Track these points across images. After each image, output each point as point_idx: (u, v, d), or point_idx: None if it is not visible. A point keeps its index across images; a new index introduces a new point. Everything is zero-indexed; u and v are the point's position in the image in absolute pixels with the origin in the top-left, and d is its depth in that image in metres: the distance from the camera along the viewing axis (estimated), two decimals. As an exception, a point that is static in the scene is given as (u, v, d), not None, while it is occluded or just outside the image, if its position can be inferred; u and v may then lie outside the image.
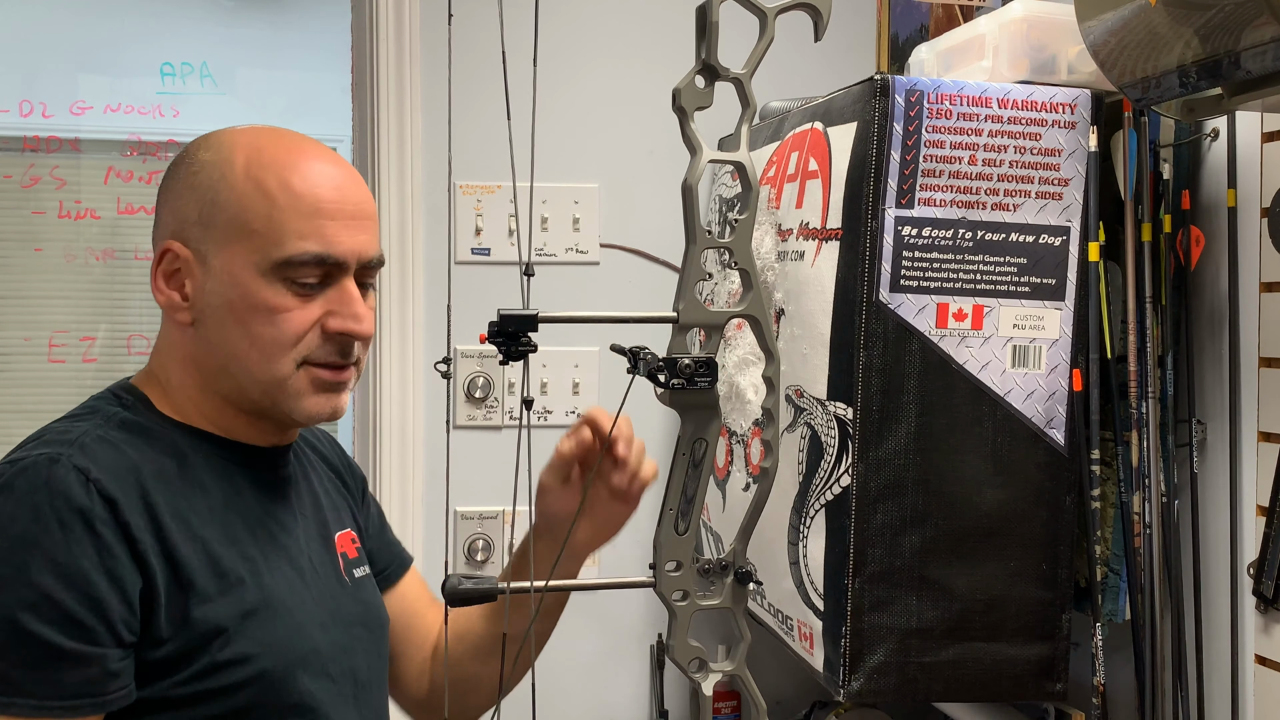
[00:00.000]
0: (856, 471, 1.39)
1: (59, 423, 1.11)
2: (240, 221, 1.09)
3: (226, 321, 1.10)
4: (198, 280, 1.11)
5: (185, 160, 1.14)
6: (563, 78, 2.13)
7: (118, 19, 4.09)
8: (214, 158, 1.12)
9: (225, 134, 1.14)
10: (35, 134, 4.01)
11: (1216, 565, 1.44)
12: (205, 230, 1.10)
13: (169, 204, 1.14)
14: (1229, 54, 1.06)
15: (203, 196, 1.11)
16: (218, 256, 1.10)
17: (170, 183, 1.14)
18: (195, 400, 1.15)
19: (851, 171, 1.42)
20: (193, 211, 1.11)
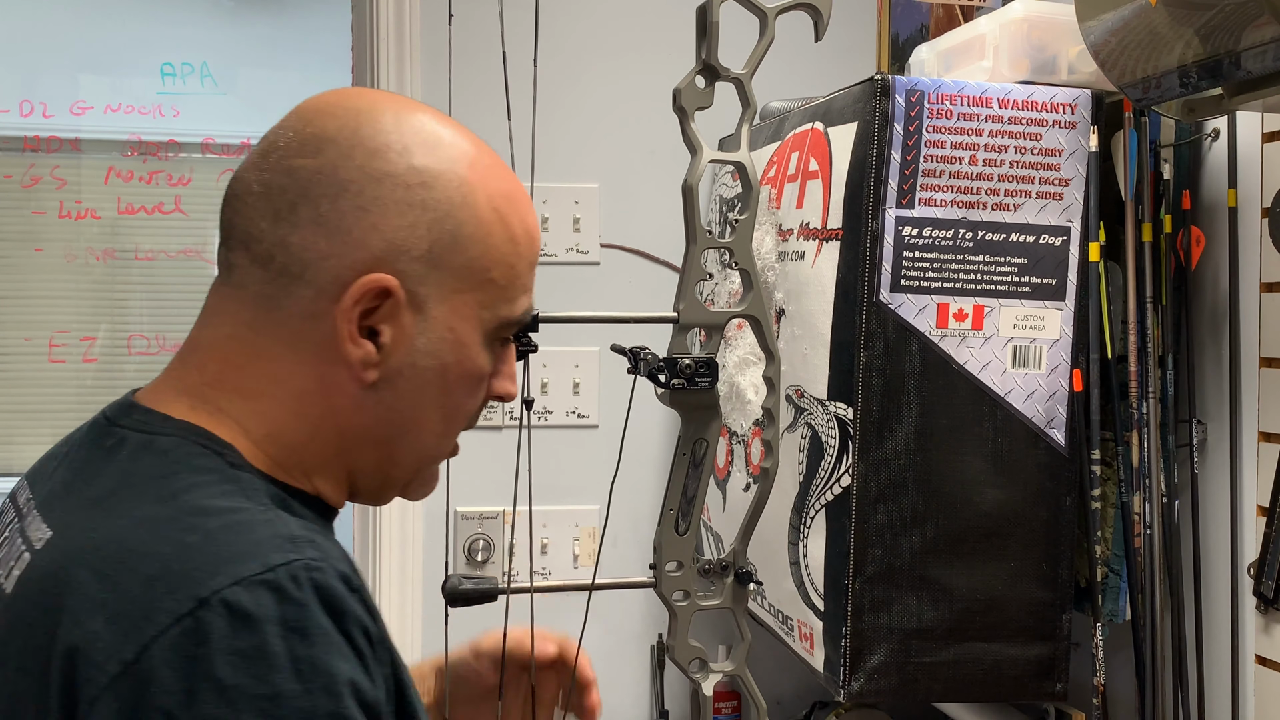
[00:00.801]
0: (857, 472, 1.39)
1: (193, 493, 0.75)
2: (480, 266, 0.83)
3: (428, 388, 0.84)
4: (405, 331, 0.82)
5: (394, 157, 0.81)
6: (563, 78, 2.13)
7: (118, 19, 4.09)
8: (446, 170, 0.83)
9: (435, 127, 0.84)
10: (36, 134, 4.01)
11: (1217, 565, 1.44)
12: (432, 269, 0.81)
13: (371, 216, 0.80)
14: (1229, 54, 1.06)
15: (438, 224, 0.81)
16: (441, 305, 0.82)
17: (371, 185, 0.80)
18: (309, 467, 0.84)
19: (852, 172, 1.42)
20: (420, 241, 0.81)
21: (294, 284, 0.80)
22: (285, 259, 0.80)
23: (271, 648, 0.65)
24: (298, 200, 0.80)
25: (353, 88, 0.89)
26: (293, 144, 0.81)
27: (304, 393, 0.82)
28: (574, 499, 2.12)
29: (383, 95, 0.87)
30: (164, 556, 0.68)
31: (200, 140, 4.08)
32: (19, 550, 0.77)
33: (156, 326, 4.07)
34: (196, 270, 4.10)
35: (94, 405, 3.12)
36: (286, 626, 0.66)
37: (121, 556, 0.69)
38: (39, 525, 0.77)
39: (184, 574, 0.67)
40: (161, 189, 4.08)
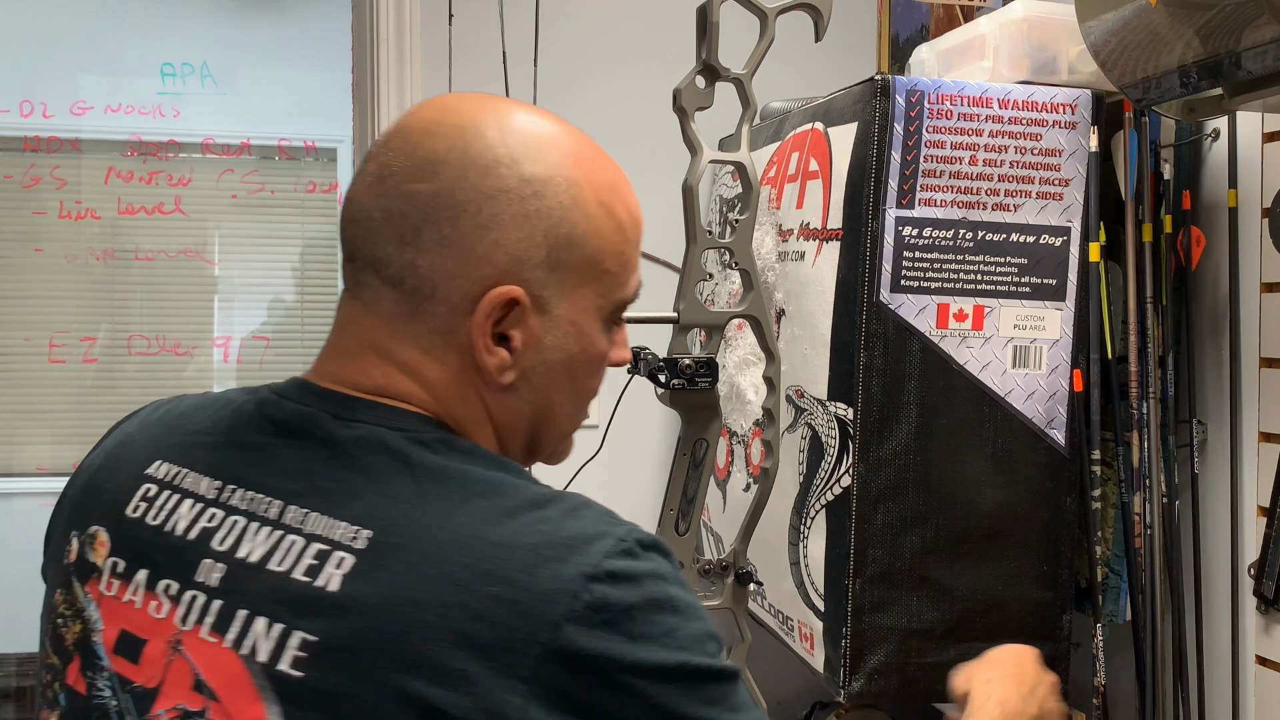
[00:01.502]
0: (857, 472, 1.39)
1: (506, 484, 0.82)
2: (594, 260, 0.88)
3: (558, 378, 0.89)
4: (533, 333, 0.87)
5: (504, 172, 0.85)
6: (563, 78, 2.13)
7: (118, 19, 4.10)
8: (553, 175, 0.86)
9: (534, 131, 0.88)
10: (36, 134, 4.02)
11: (1217, 566, 1.44)
12: (552, 272, 0.86)
13: (492, 233, 0.84)
14: (1229, 54, 1.06)
15: (553, 230, 0.86)
16: (563, 302, 0.87)
17: (489, 203, 0.84)
18: None
19: (852, 172, 1.42)
20: (539, 249, 0.85)
21: (426, 302, 0.84)
22: (415, 280, 0.84)
23: (654, 597, 0.76)
24: (420, 225, 0.83)
25: (450, 96, 0.90)
26: (407, 168, 0.85)
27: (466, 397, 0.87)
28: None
29: (480, 103, 0.89)
30: (534, 546, 0.76)
31: (200, 140, 4.08)
32: (317, 549, 0.78)
33: (156, 326, 4.07)
34: (196, 270, 4.10)
35: (94, 405, 3.16)
36: (655, 577, 0.77)
37: (493, 553, 0.76)
38: (330, 523, 0.79)
39: (559, 559, 0.76)
40: (161, 189, 4.08)
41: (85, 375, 4.00)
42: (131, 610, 0.82)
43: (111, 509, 0.86)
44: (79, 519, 0.88)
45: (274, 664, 0.75)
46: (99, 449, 0.94)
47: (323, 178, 4.38)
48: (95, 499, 0.88)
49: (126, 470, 0.88)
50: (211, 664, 0.77)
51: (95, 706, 0.81)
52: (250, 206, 4.14)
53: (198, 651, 0.78)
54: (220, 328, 4.15)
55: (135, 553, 0.83)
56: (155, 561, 0.82)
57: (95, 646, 0.83)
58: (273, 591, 0.77)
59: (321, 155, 4.33)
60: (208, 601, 0.79)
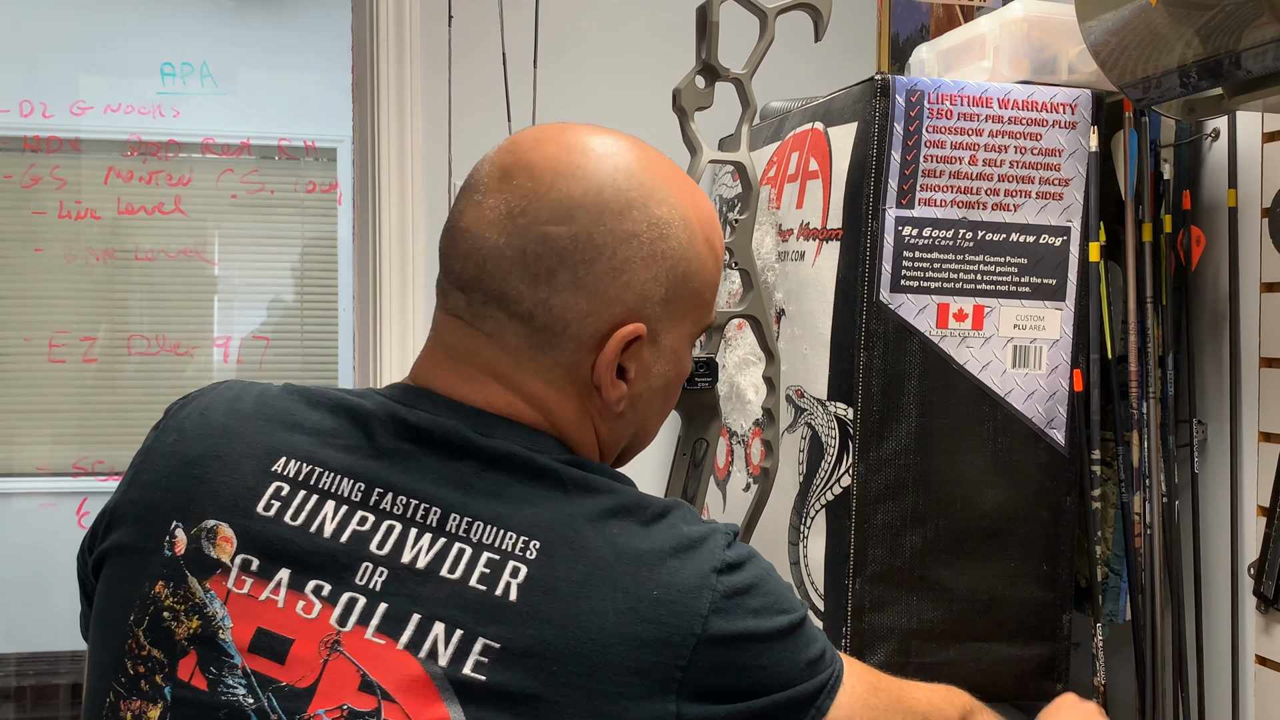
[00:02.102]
0: (857, 472, 1.39)
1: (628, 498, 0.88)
2: (699, 294, 0.93)
3: (656, 401, 0.95)
4: (644, 363, 0.91)
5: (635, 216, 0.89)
6: (563, 78, 2.13)
7: (118, 19, 4.09)
8: (674, 216, 0.90)
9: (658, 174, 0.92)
10: (35, 134, 4.02)
11: (1217, 566, 1.44)
12: (667, 307, 0.91)
13: (624, 276, 0.88)
14: (1229, 54, 1.06)
15: (674, 270, 0.90)
16: (670, 334, 0.92)
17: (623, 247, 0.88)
18: None
19: (852, 172, 1.42)
20: (660, 288, 0.89)
21: (556, 339, 0.88)
22: (547, 319, 0.88)
23: (758, 575, 0.87)
24: (556, 266, 0.87)
25: (564, 129, 0.93)
26: (540, 210, 0.88)
27: (580, 423, 0.93)
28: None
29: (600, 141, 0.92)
30: (674, 550, 0.85)
31: (200, 140, 4.08)
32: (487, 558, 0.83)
33: (156, 326, 4.07)
34: (196, 270, 4.10)
35: (94, 405, 3.16)
36: (751, 559, 0.88)
37: (647, 559, 0.84)
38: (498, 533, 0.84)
39: (692, 559, 0.85)
40: (161, 189, 4.08)
41: (85, 375, 4.00)
42: (272, 609, 0.82)
43: (236, 504, 0.86)
44: (185, 510, 0.87)
45: (457, 667, 0.79)
46: (187, 434, 0.92)
47: (323, 178, 4.38)
48: (207, 491, 0.87)
49: (246, 465, 0.88)
50: (381, 665, 0.80)
51: (225, 704, 0.81)
52: (250, 206, 4.14)
53: (362, 652, 0.80)
54: (220, 328, 4.15)
55: (272, 551, 0.84)
56: (301, 562, 0.83)
57: (223, 644, 0.83)
58: (450, 598, 0.81)
59: (321, 155, 4.33)
60: (370, 604, 0.81)
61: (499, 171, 0.90)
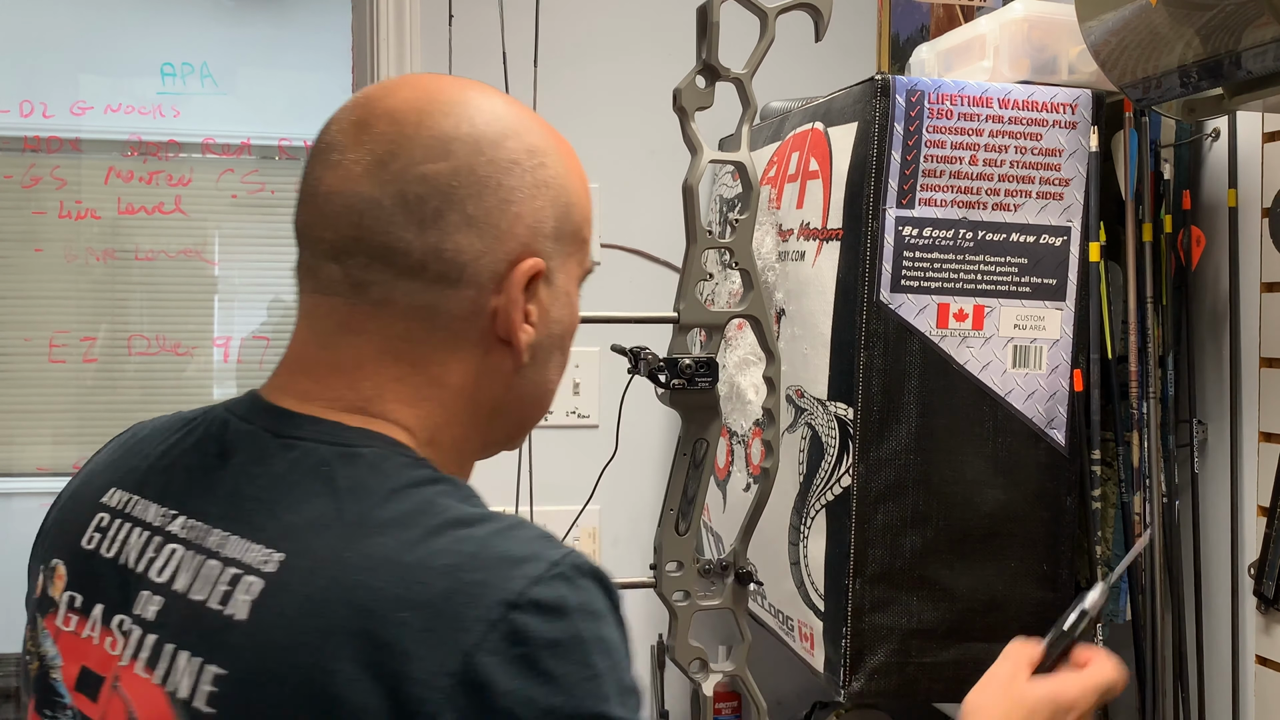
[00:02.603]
0: (857, 472, 1.39)
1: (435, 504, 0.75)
2: (580, 229, 0.87)
3: (556, 350, 0.88)
4: (544, 305, 0.84)
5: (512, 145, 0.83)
6: (563, 78, 2.13)
7: (118, 19, 4.09)
8: (547, 144, 0.85)
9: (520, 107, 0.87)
10: (36, 134, 4.02)
11: (1217, 566, 1.44)
12: (556, 242, 0.84)
13: (513, 207, 0.82)
14: (1230, 54, 1.06)
15: (556, 199, 0.84)
16: (560, 273, 0.86)
17: (507, 177, 0.82)
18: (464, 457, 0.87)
19: (852, 172, 1.42)
20: (548, 219, 0.84)
21: (452, 288, 0.80)
22: (441, 266, 0.80)
23: (582, 634, 0.70)
24: (443, 207, 0.80)
25: (411, 77, 0.87)
26: (415, 151, 0.80)
27: (462, 388, 0.83)
28: (574, 499, 2.11)
29: (454, 81, 0.86)
30: (452, 569, 0.70)
31: (200, 140, 4.08)
32: (231, 574, 0.74)
33: (156, 326, 4.07)
34: (196, 270, 4.10)
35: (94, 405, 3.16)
36: (585, 611, 0.71)
37: (406, 576, 0.70)
38: (245, 546, 0.75)
39: (480, 583, 0.69)
40: (161, 189, 4.08)
41: (85, 375, 4.00)
42: (90, 646, 0.78)
43: (70, 540, 0.83)
44: (44, 552, 0.85)
45: (191, 700, 0.71)
46: (73, 479, 0.90)
47: (323, 178, 4.36)
48: (60, 530, 0.86)
49: (87, 500, 0.85)
50: (144, 701, 0.74)
51: None
52: (250, 206, 4.14)
53: (133, 689, 0.75)
54: (220, 328, 4.15)
55: (92, 586, 0.80)
56: (110, 595, 0.78)
57: (54, 684, 0.79)
58: (192, 622, 0.73)
59: (321, 155, 4.31)
60: (143, 636, 0.75)
61: (353, 126, 0.82)
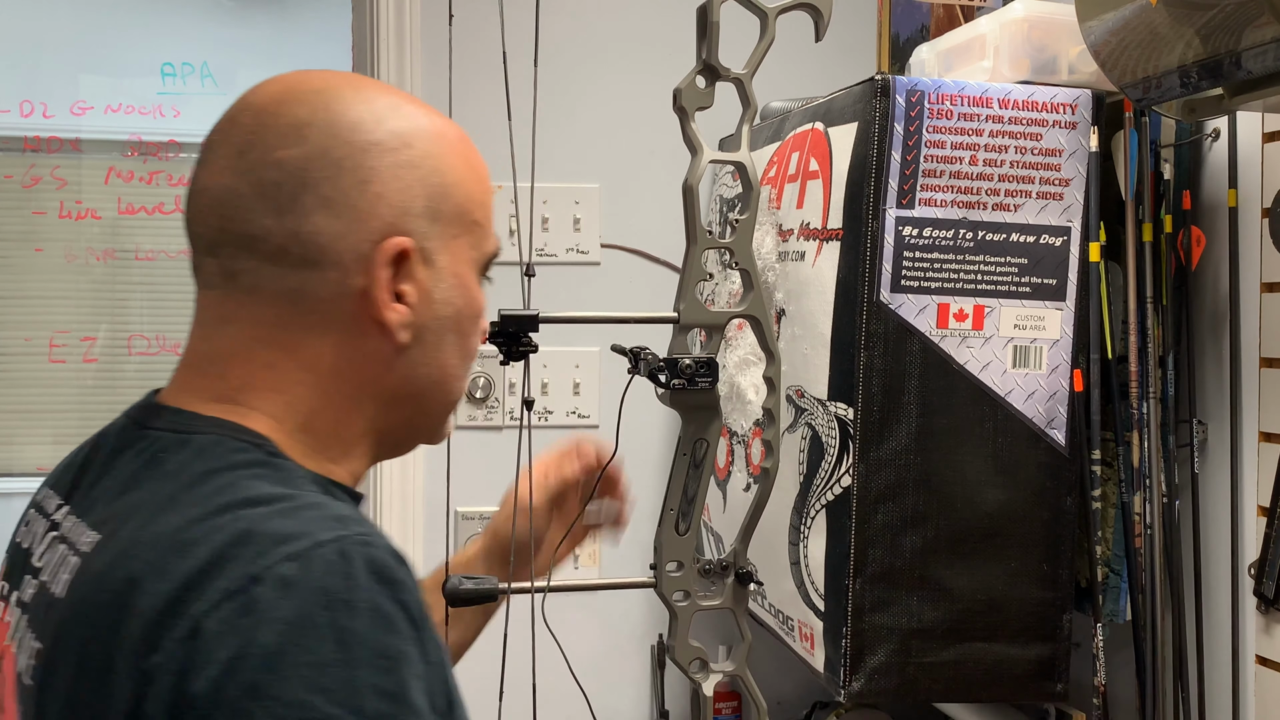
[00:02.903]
0: (857, 472, 1.39)
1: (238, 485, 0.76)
2: (465, 210, 0.88)
3: (447, 335, 0.88)
4: (423, 286, 0.85)
5: (373, 127, 0.84)
6: (563, 78, 2.13)
7: (119, 19, 4.09)
8: (417, 127, 0.86)
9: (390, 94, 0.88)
10: (36, 134, 4.02)
11: (1217, 566, 1.44)
12: (432, 223, 0.85)
13: (373, 187, 0.83)
14: (1230, 54, 1.06)
15: (428, 178, 0.85)
16: (445, 254, 0.86)
17: (365, 158, 0.83)
18: (347, 444, 0.87)
19: (852, 172, 1.42)
20: (418, 198, 0.84)
21: (315, 270, 0.82)
22: (301, 250, 0.81)
23: (316, 618, 0.66)
24: (298, 190, 0.81)
25: (283, 74, 0.89)
26: (268, 138, 0.82)
27: (338, 373, 0.84)
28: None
29: (328, 73, 0.88)
30: (218, 544, 0.70)
31: (200, 140, 4.08)
32: (64, 555, 0.78)
33: (156, 326, 4.07)
34: (197, 270, 4.10)
35: (94, 405, 3.18)
36: (331, 597, 0.67)
37: (178, 549, 0.70)
38: (83, 530, 0.78)
39: (236, 557, 0.68)
40: (161, 189, 4.08)
41: (85, 375, 4.00)
42: (5, 628, 0.84)
43: (12, 536, 0.89)
44: None
45: (22, 674, 0.76)
46: None
47: (323, 178, 4.36)
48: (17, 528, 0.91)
49: (32, 499, 0.91)
50: (8, 677, 0.80)
51: None
52: (250, 206, 4.14)
53: (7, 666, 0.80)
54: (220, 328, 4.14)
55: (13, 575, 0.85)
56: (15, 582, 0.84)
57: None
58: (39, 602, 0.77)
59: (322, 155, 4.31)
60: (19, 617, 0.80)
61: (224, 123, 0.85)
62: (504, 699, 1.11)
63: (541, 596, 1.06)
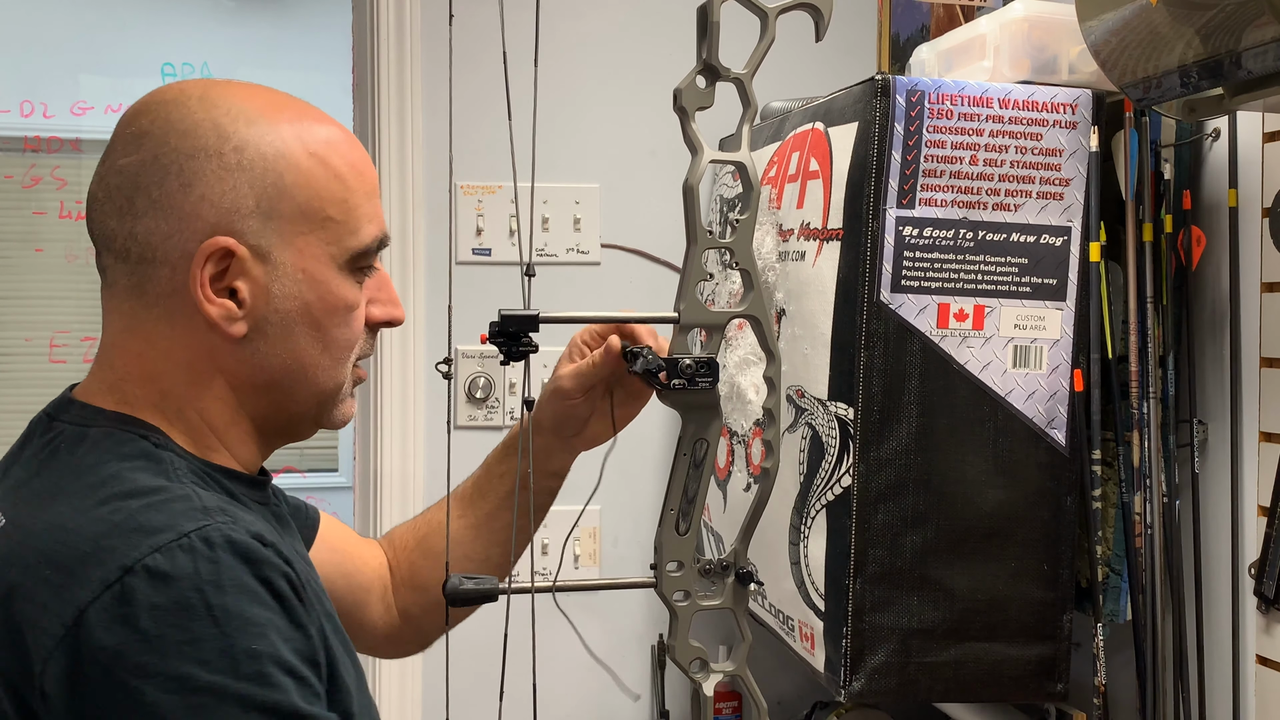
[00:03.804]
0: (857, 472, 1.39)
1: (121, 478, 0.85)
2: (313, 209, 0.93)
3: (296, 328, 0.93)
4: (259, 282, 0.91)
5: (204, 132, 0.91)
6: (564, 78, 2.13)
7: (119, 19, 4.10)
8: (254, 131, 0.92)
9: (238, 96, 0.94)
10: (36, 134, 4.02)
11: (1218, 565, 1.44)
12: (267, 221, 0.91)
13: (196, 190, 0.90)
14: (1230, 54, 1.06)
15: (259, 180, 0.91)
16: (285, 251, 0.92)
17: (190, 162, 0.90)
18: (217, 429, 0.95)
19: (852, 172, 1.42)
20: (245, 199, 0.90)
21: (150, 268, 0.92)
22: (138, 249, 0.92)
23: (189, 600, 0.76)
24: (132, 194, 0.91)
25: (170, 84, 0.98)
26: (117, 147, 0.93)
27: (192, 362, 0.93)
28: (574, 499, 2.11)
29: (195, 82, 0.96)
30: (95, 535, 0.78)
31: (201, 140, 4.08)
32: None
33: (157, 327, 4.07)
34: (197, 270, 4.10)
35: (95, 405, 2.88)
36: (201, 579, 0.77)
37: (61, 538, 0.79)
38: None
39: (111, 549, 0.77)
40: (162, 189, 4.07)
41: (85, 375, 4.00)
42: None
43: None
44: None
45: None
46: None
47: (323, 178, 4.36)
48: None
49: None
50: None
51: None
52: (250, 206, 4.14)
53: None
54: (221, 328, 4.15)
55: None
56: None
57: None
58: None
59: (322, 155, 4.30)
60: None
61: None
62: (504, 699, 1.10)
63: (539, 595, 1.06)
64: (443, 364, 1.19)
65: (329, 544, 1.25)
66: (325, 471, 4.69)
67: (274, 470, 1.05)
